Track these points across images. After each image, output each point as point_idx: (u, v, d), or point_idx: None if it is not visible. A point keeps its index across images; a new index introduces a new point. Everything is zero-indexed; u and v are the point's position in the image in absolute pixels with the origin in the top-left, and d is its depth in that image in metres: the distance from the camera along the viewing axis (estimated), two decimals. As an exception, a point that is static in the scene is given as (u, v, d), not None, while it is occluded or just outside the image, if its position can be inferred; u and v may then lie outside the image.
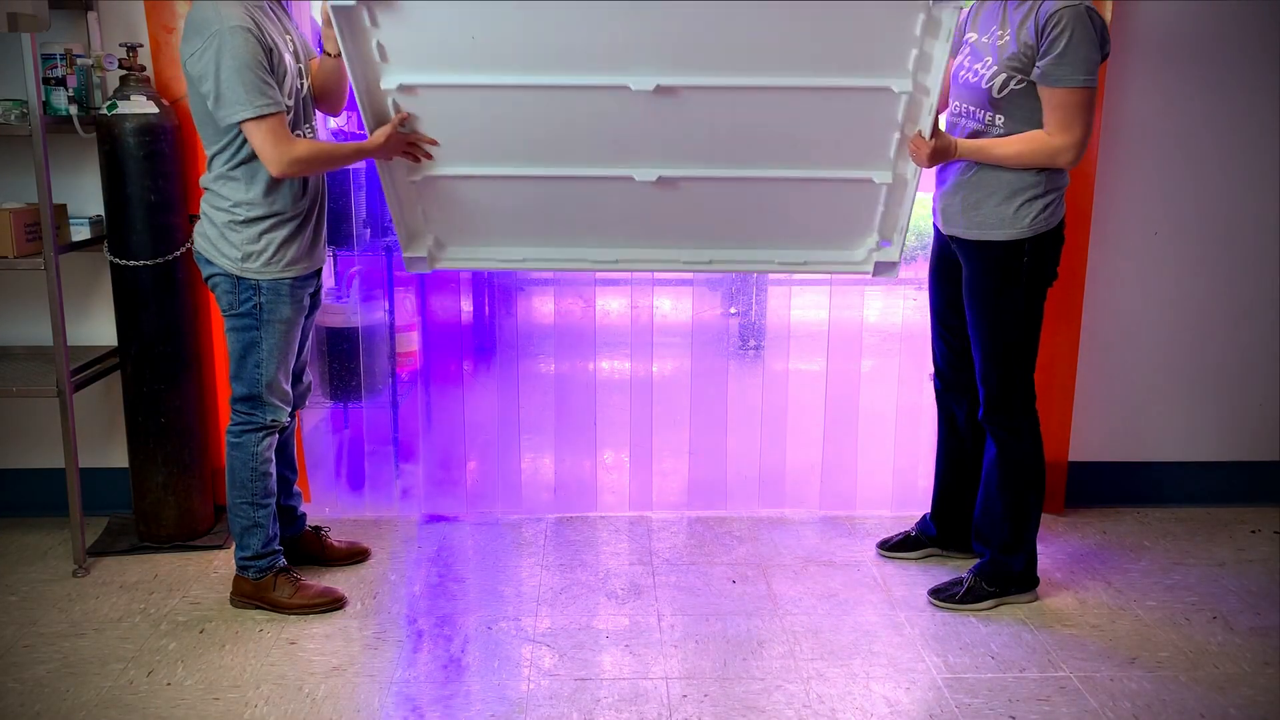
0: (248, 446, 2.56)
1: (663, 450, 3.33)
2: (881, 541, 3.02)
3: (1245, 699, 2.31)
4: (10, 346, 3.13)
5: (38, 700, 2.26)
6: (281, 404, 2.57)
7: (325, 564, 2.89)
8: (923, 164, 2.47)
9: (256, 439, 2.56)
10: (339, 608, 2.66)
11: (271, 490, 2.61)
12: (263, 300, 2.48)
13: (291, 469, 2.85)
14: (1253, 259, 3.23)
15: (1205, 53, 3.09)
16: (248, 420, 2.56)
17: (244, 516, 2.60)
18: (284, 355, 2.54)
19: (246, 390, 2.54)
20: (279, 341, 2.52)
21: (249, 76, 2.24)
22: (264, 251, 2.45)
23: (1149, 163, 3.15)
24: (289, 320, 2.52)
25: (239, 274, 2.46)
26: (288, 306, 2.51)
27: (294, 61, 2.45)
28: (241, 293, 2.47)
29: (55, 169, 2.88)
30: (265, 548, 2.63)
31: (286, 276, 2.49)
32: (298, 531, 2.89)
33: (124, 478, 3.06)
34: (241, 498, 2.58)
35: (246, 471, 2.57)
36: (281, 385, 2.56)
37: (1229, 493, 3.36)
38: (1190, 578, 2.88)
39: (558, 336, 3.27)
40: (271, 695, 2.28)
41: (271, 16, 2.41)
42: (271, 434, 2.58)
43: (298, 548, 2.88)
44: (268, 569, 2.63)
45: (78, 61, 2.82)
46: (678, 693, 2.30)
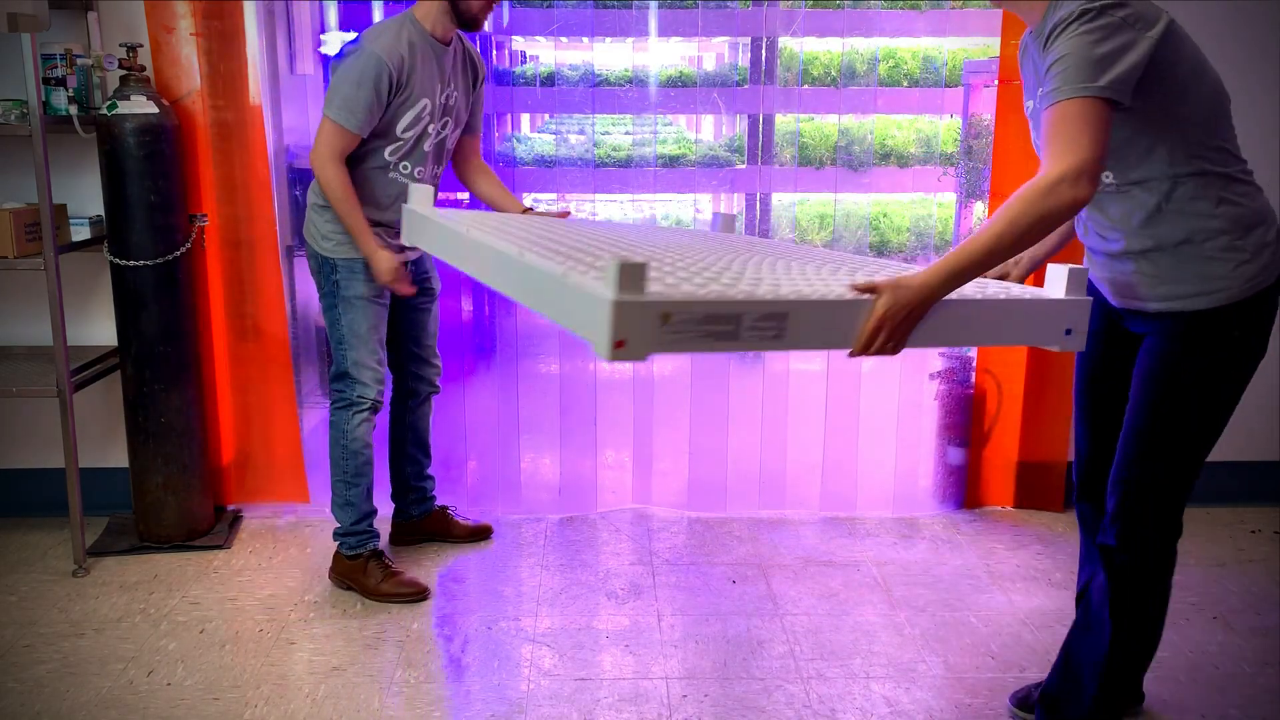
0: (339, 424, 2.69)
1: (663, 450, 3.33)
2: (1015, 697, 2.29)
3: (1245, 699, 2.30)
4: (10, 346, 3.13)
5: (38, 700, 2.26)
6: (371, 383, 2.68)
7: (451, 542, 3.04)
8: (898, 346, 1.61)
9: (347, 416, 2.67)
10: (423, 599, 2.72)
11: (364, 471, 2.72)
12: (339, 278, 2.62)
13: (424, 451, 3.00)
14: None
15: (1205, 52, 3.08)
16: (339, 397, 2.69)
17: (337, 493, 2.73)
18: (366, 333, 2.65)
19: (336, 368, 2.69)
20: (357, 318, 2.63)
21: (355, 93, 2.48)
22: (339, 232, 2.60)
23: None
24: (365, 298, 2.63)
25: (322, 253, 2.62)
26: (361, 284, 2.62)
27: (434, 110, 2.61)
28: (323, 271, 2.65)
29: (55, 169, 2.88)
30: (355, 525, 2.73)
31: (359, 256, 2.60)
32: (427, 511, 3.04)
33: (124, 478, 3.06)
34: (335, 474, 2.72)
35: (338, 449, 2.70)
36: (369, 363, 2.67)
37: (1229, 493, 3.36)
38: (1190, 578, 2.88)
39: (558, 336, 3.27)
40: (271, 695, 2.28)
41: (439, 67, 2.60)
42: (363, 413, 2.68)
43: (424, 527, 3.04)
44: (359, 547, 2.73)
45: (78, 61, 2.82)
46: (678, 693, 2.30)
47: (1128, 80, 1.65)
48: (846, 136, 3.23)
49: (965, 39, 3.47)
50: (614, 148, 3.34)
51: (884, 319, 1.55)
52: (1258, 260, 1.78)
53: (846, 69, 3.17)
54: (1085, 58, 1.64)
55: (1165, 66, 1.71)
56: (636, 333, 1.39)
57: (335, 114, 2.50)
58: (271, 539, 3.07)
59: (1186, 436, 1.85)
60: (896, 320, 1.56)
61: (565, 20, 3.11)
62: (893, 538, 3.12)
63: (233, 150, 2.97)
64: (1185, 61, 1.75)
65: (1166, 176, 1.78)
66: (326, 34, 3.24)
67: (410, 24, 2.56)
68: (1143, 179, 1.79)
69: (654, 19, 3.11)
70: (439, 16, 2.58)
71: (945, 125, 3.38)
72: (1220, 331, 1.80)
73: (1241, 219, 1.78)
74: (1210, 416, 1.85)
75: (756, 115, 3.39)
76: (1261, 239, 1.79)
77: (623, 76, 3.20)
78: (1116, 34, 1.64)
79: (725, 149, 3.45)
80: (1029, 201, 1.62)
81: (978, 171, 3.36)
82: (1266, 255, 1.78)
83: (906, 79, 3.33)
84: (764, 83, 3.30)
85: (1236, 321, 1.79)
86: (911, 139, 3.37)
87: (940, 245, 3.48)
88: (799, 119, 3.29)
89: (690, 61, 3.57)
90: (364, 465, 2.71)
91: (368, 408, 2.68)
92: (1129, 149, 1.77)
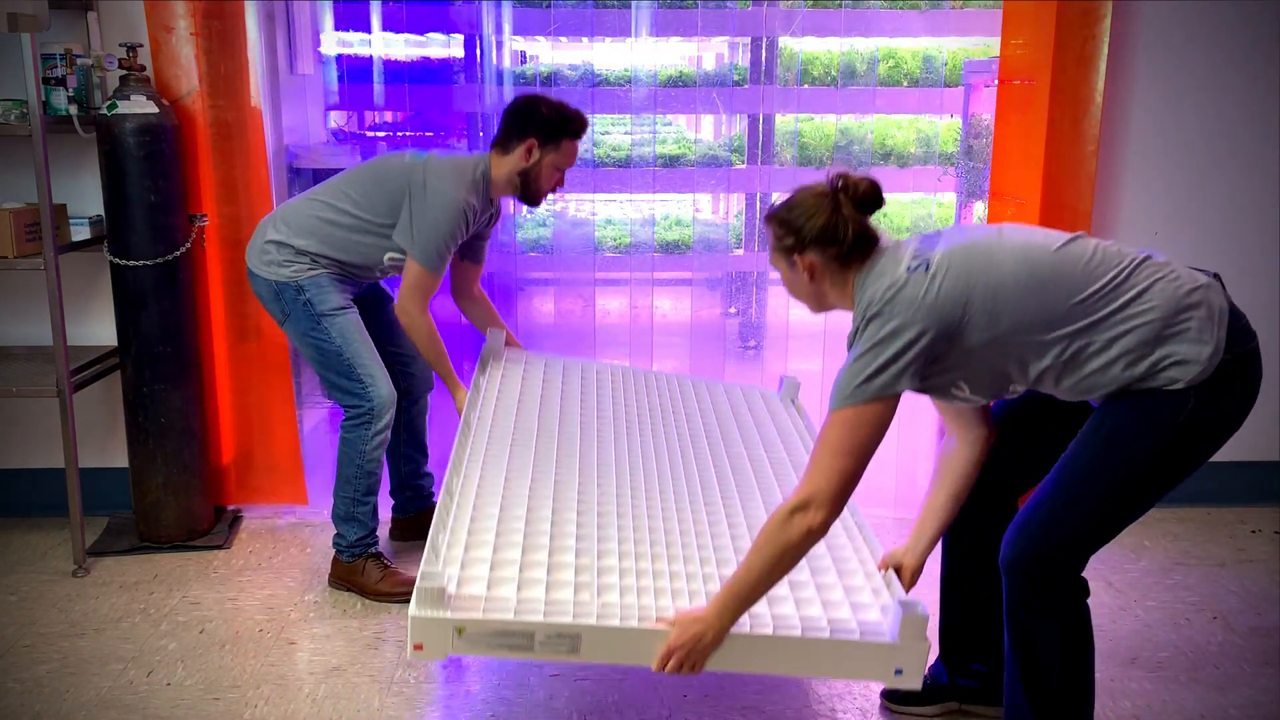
0: (356, 444, 2.65)
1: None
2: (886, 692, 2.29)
3: (1245, 699, 2.30)
4: (10, 346, 3.13)
5: (38, 700, 2.26)
6: (384, 382, 2.62)
7: None
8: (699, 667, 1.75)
9: (365, 436, 2.63)
10: None
11: (374, 488, 2.70)
12: (309, 297, 2.58)
13: (421, 450, 2.99)
14: (1253, 259, 3.23)
15: (1205, 53, 3.09)
16: (354, 413, 2.64)
17: (343, 508, 2.69)
18: (361, 338, 2.62)
19: (342, 387, 2.63)
20: (347, 326, 2.61)
21: (444, 241, 2.56)
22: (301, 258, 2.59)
23: (1149, 163, 3.15)
24: (343, 307, 2.61)
25: (280, 280, 2.58)
26: (335, 295, 2.61)
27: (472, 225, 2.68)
28: (285, 297, 2.60)
29: (55, 169, 2.87)
30: (359, 540, 2.71)
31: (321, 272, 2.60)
32: (424, 509, 3.02)
33: (124, 478, 3.06)
34: (344, 491, 2.68)
35: (352, 468, 2.66)
36: (374, 365, 2.62)
37: (1229, 493, 3.36)
38: (1190, 578, 2.88)
39: (558, 336, 3.27)
40: (271, 695, 2.28)
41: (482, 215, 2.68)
42: (381, 432, 2.64)
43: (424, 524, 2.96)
44: (359, 555, 2.72)
45: (78, 61, 2.82)
46: (678, 693, 2.30)
47: (893, 381, 1.69)
48: (846, 136, 3.23)
49: (965, 39, 3.47)
50: (613, 147, 3.34)
51: (674, 649, 1.73)
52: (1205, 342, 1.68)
53: (846, 69, 3.18)
54: (854, 369, 1.71)
55: (951, 340, 1.71)
56: (433, 640, 1.69)
57: (429, 263, 2.56)
58: (271, 539, 3.07)
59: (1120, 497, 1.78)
60: (686, 649, 1.72)
61: (564, 20, 3.11)
62: (893, 537, 3.10)
63: (233, 150, 2.96)
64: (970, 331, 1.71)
65: (1051, 366, 1.73)
66: (326, 34, 3.24)
67: (484, 173, 2.62)
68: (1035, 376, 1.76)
69: (653, 19, 3.11)
70: (507, 181, 2.64)
71: (945, 125, 3.38)
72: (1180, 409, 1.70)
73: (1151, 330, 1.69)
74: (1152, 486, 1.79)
75: (756, 115, 3.40)
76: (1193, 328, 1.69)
77: (622, 76, 3.20)
78: (883, 344, 1.69)
79: (725, 149, 3.46)
80: (769, 534, 1.71)
81: (978, 171, 3.36)
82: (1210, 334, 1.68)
83: (906, 79, 3.33)
84: (763, 83, 3.30)
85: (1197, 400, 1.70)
86: (911, 139, 3.37)
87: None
88: (798, 119, 3.30)
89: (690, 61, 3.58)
90: (375, 484, 2.70)
91: (386, 421, 2.63)
92: (991, 375, 1.77)
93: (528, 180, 2.63)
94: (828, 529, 1.71)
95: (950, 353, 1.72)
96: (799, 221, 1.78)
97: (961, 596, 2.16)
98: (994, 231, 1.80)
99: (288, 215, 2.64)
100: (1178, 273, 1.74)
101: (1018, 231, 1.81)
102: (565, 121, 2.60)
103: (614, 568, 1.91)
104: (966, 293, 1.69)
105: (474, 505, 2.06)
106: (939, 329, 1.69)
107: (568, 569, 1.88)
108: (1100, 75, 2.95)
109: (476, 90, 3.30)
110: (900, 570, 2.00)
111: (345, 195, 2.62)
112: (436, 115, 3.48)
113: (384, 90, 3.22)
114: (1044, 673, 1.83)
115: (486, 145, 2.68)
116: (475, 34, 3.21)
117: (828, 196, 1.77)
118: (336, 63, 3.28)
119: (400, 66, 3.22)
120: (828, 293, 1.83)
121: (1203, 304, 1.70)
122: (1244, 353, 1.72)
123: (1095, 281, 1.70)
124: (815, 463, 1.71)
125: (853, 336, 1.76)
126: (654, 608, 1.81)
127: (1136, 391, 1.71)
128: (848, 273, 1.79)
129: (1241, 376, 1.73)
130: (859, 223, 1.77)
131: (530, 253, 3.31)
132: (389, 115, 3.58)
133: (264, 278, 2.61)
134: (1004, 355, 1.73)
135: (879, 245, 1.81)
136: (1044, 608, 1.81)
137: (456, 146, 3.43)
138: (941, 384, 1.79)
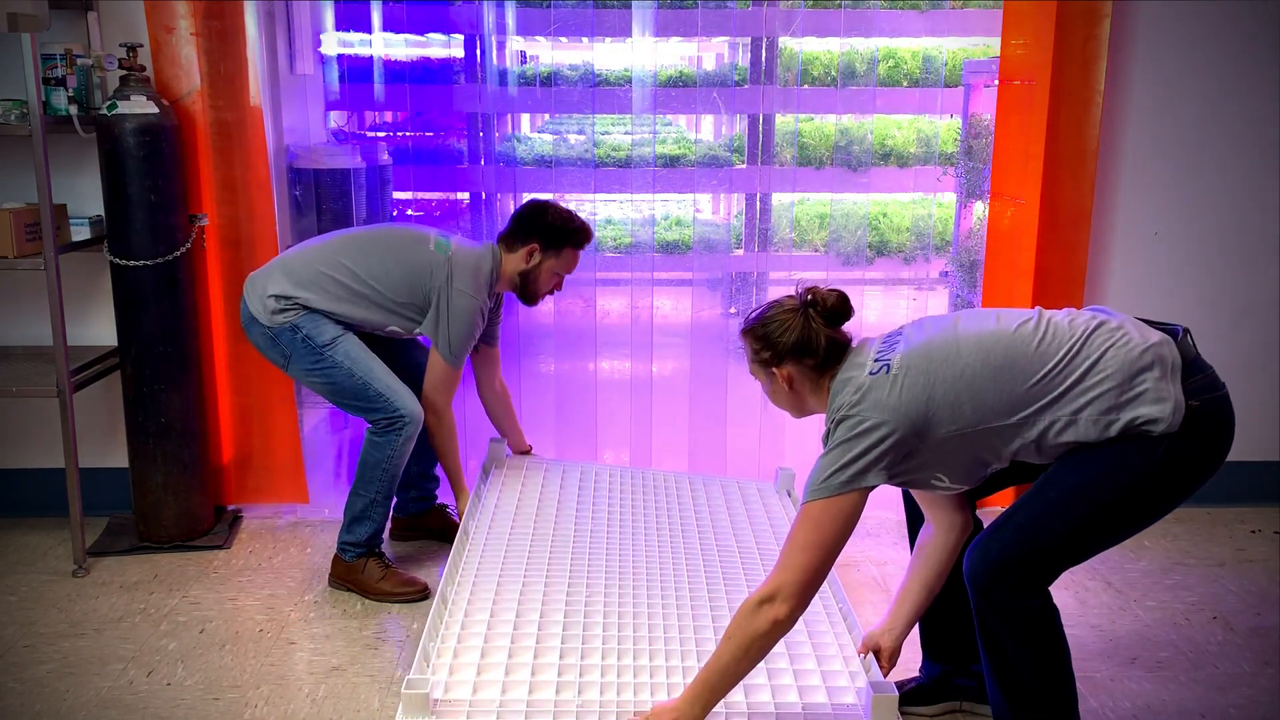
0: (385, 447, 2.65)
1: (662, 450, 3.33)
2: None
3: (1245, 699, 2.31)
4: (10, 346, 3.13)
5: (38, 700, 2.26)
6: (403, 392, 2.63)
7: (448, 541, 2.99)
8: None
9: (396, 440, 2.63)
10: (424, 598, 2.70)
11: (394, 492, 2.72)
12: (306, 333, 2.60)
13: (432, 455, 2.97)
14: (1253, 259, 3.23)
15: (1206, 53, 3.09)
16: (381, 422, 2.63)
17: (359, 508, 2.69)
18: (367, 356, 2.63)
19: (365, 410, 2.63)
20: (351, 348, 2.62)
21: (466, 338, 2.69)
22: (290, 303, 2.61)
23: (1149, 163, 3.15)
24: (341, 335, 2.62)
25: (276, 326, 2.60)
26: (329, 325, 2.62)
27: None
28: (282, 340, 2.61)
29: (55, 169, 2.87)
30: (368, 539, 2.72)
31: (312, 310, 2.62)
32: (427, 509, 3.04)
33: (124, 478, 3.06)
34: (365, 492, 2.68)
35: (379, 470, 2.66)
36: (389, 379, 2.63)
37: (1229, 493, 3.36)
38: (1190, 578, 2.88)
39: (558, 336, 3.27)
40: (271, 695, 2.28)
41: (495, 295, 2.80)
42: (413, 439, 2.65)
43: (424, 524, 3.04)
44: (362, 554, 2.72)
45: (78, 61, 2.82)
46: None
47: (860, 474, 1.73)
48: (846, 136, 3.23)
49: (965, 39, 3.47)
50: (614, 147, 3.34)
51: None
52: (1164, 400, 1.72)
53: (846, 69, 3.18)
54: (823, 465, 1.76)
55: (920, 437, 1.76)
56: None
57: (456, 361, 2.68)
58: (271, 539, 3.07)
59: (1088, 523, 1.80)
60: None
61: (565, 20, 3.11)
62: (893, 537, 3.12)
63: (233, 150, 2.96)
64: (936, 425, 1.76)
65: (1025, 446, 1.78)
66: (326, 34, 3.24)
67: (494, 268, 2.72)
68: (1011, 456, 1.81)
69: (653, 19, 3.11)
70: (509, 279, 2.76)
71: (945, 125, 3.38)
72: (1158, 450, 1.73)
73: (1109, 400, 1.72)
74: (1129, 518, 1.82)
75: (756, 115, 3.39)
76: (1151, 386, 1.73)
77: (622, 76, 3.20)
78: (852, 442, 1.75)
79: (725, 149, 3.46)
80: (738, 625, 1.75)
81: (978, 171, 3.36)
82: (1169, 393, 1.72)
83: (906, 79, 3.33)
84: (763, 83, 3.30)
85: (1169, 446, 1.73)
86: (911, 139, 3.37)
87: (940, 245, 3.48)
88: (798, 119, 3.30)
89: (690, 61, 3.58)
90: (396, 486, 2.72)
91: (416, 427, 2.64)
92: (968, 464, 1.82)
93: (527, 281, 2.75)
94: (794, 621, 1.76)
95: (922, 448, 1.79)
96: (774, 337, 1.88)
97: (956, 596, 2.16)
98: (950, 325, 1.86)
99: (292, 270, 2.64)
100: (1129, 335, 1.76)
101: (973, 320, 1.87)
102: (570, 233, 2.72)
103: (597, 665, 2.01)
104: (928, 390, 1.76)
105: (465, 611, 2.18)
106: (906, 427, 1.75)
107: (551, 669, 1.99)
108: (1100, 75, 2.95)
109: (477, 90, 3.30)
110: (879, 653, 2.05)
111: (362, 264, 2.64)
112: (437, 115, 3.48)
113: (384, 90, 3.22)
114: (1016, 674, 1.84)
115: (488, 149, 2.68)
116: (475, 34, 3.21)
117: (797, 312, 1.87)
118: (337, 62, 3.28)
119: (400, 66, 3.22)
120: (807, 399, 1.92)
121: (1155, 363, 1.73)
122: (1212, 399, 1.76)
123: (1049, 361, 1.75)
124: (785, 557, 1.77)
125: (825, 438, 1.82)
126: (633, 703, 1.90)
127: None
128: (823, 379, 1.88)
129: (1212, 422, 1.76)
130: (829, 334, 1.86)
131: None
132: (389, 115, 3.58)
133: (262, 324, 2.61)
134: (975, 444, 1.79)
135: (850, 347, 1.90)
136: (1009, 618, 1.82)
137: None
138: (921, 478, 1.86)
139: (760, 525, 2.72)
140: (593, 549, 2.51)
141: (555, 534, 2.58)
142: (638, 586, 2.34)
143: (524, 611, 2.21)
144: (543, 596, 2.27)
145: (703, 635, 2.14)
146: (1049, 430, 1.76)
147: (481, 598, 2.26)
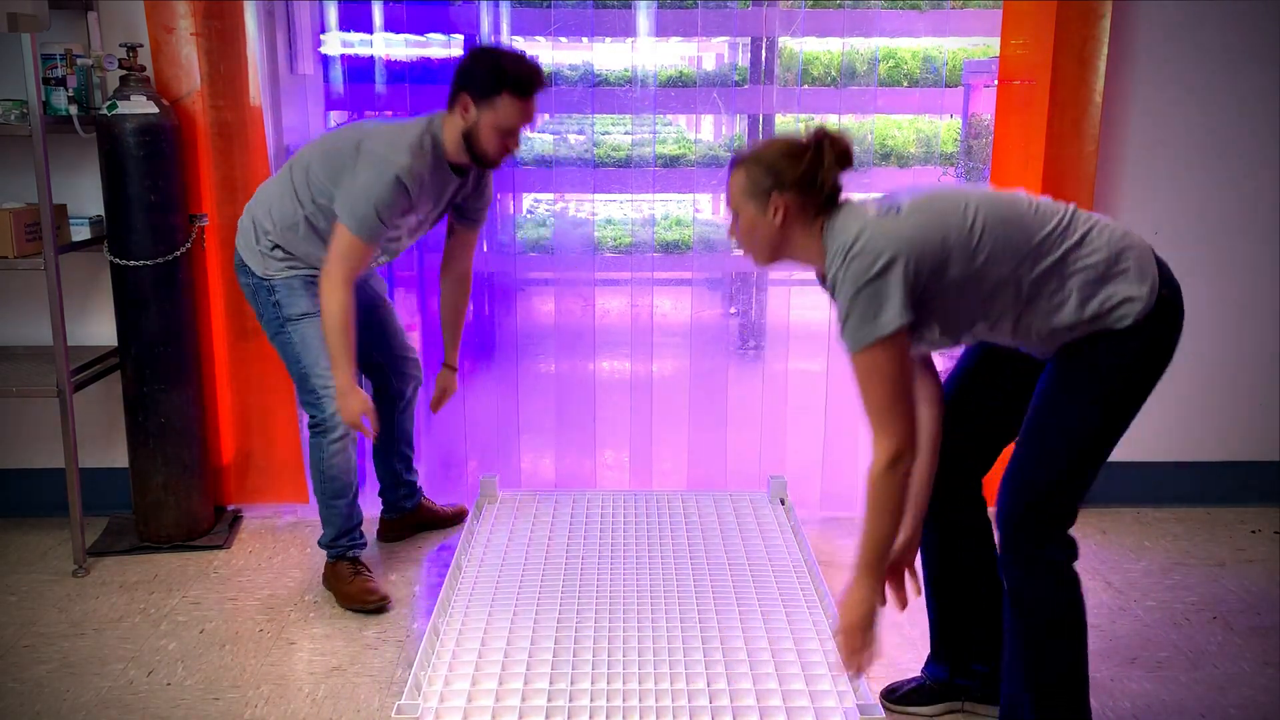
0: (316, 449, 2.63)
1: (662, 450, 3.33)
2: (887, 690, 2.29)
3: (1245, 699, 2.30)
4: (10, 346, 3.13)
5: (38, 700, 2.26)
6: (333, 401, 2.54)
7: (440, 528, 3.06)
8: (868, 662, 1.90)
9: (322, 444, 2.60)
10: (381, 610, 2.63)
11: (343, 492, 2.66)
12: (279, 299, 2.57)
13: (410, 445, 2.97)
14: (1253, 259, 3.23)
15: (1206, 53, 3.09)
16: (312, 420, 2.62)
17: (319, 507, 2.70)
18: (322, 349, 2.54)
19: (301, 391, 2.63)
20: (309, 334, 2.56)
21: (375, 207, 2.38)
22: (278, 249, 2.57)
23: (1149, 163, 3.15)
24: (311, 314, 2.56)
25: (260, 274, 2.57)
26: (304, 300, 2.57)
27: (430, 214, 2.58)
28: (260, 295, 2.59)
29: (55, 169, 2.87)
30: (336, 540, 2.70)
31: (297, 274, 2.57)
32: (414, 505, 3.03)
33: (124, 478, 3.06)
34: (315, 491, 2.69)
35: (316, 472, 2.65)
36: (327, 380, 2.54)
37: (1229, 493, 3.36)
38: (1190, 578, 2.88)
39: (558, 336, 3.27)
40: (271, 695, 2.28)
41: (444, 185, 2.53)
42: (338, 440, 2.59)
43: (415, 519, 3.05)
44: (338, 555, 2.71)
45: (78, 61, 2.82)
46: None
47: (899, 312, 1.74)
48: (846, 136, 3.23)
49: (965, 39, 3.47)
50: (613, 148, 3.34)
51: (849, 629, 1.85)
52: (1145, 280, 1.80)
53: (846, 69, 3.18)
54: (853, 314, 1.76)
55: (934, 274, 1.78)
56: None
57: (357, 228, 2.38)
58: (271, 539, 3.07)
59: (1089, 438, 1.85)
60: (860, 622, 1.84)
61: (564, 20, 3.11)
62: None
63: (233, 150, 2.96)
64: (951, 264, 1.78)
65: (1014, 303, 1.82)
66: (326, 34, 3.24)
67: (431, 140, 2.44)
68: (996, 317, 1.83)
69: (653, 19, 3.11)
70: (455, 144, 2.45)
71: (945, 125, 3.38)
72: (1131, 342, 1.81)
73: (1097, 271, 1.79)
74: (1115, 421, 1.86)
75: (756, 115, 3.39)
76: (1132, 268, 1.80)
77: (622, 76, 3.20)
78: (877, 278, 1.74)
79: (725, 149, 3.46)
80: (886, 495, 1.79)
81: (978, 171, 3.36)
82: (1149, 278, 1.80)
83: (906, 79, 3.33)
84: (764, 83, 3.30)
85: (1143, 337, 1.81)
86: (911, 139, 3.37)
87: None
88: (799, 119, 3.29)
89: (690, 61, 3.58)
90: (342, 488, 2.64)
91: (339, 434, 2.57)
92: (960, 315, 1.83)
93: (470, 142, 2.43)
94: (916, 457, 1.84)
95: (931, 287, 1.78)
96: (780, 165, 1.83)
97: (959, 595, 2.17)
98: (952, 186, 1.90)
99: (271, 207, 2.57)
100: (1105, 220, 1.85)
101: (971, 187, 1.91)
102: (500, 77, 2.35)
103: (586, 690, 2.04)
104: (943, 230, 1.77)
105: (456, 640, 2.22)
106: (920, 259, 1.75)
107: (541, 695, 2.02)
108: (1100, 75, 2.95)
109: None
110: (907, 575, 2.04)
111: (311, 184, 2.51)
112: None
113: (384, 90, 3.22)
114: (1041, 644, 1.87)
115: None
116: (475, 34, 3.21)
117: (810, 147, 1.83)
118: (338, 62, 3.28)
119: (400, 66, 3.22)
120: (793, 238, 1.87)
121: (1134, 246, 1.83)
122: (1175, 288, 1.85)
123: (1045, 225, 1.80)
124: (876, 416, 1.78)
125: (833, 281, 1.80)
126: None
127: (1086, 338, 1.81)
128: (814, 224, 1.85)
129: (1176, 308, 1.85)
130: (836, 176, 1.84)
131: (530, 253, 3.31)
132: (389, 115, 3.58)
133: (250, 268, 2.59)
134: (976, 291, 1.80)
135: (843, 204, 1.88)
136: (1036, 561, 1.86)
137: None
138: (920, 318, 1.82)
139: (753, 542, 2.75)
140: (583, 580, 2.54)
141: (547, 565, 2.62)
142: (628, 616, 2.37)
143: (515, 640, 2.24)
144: (533, 626, 2.30)
145: (693, 665, 2.16)
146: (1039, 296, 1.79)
147: (473, 628, 2.30)
